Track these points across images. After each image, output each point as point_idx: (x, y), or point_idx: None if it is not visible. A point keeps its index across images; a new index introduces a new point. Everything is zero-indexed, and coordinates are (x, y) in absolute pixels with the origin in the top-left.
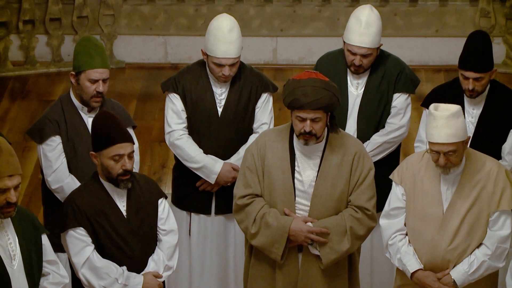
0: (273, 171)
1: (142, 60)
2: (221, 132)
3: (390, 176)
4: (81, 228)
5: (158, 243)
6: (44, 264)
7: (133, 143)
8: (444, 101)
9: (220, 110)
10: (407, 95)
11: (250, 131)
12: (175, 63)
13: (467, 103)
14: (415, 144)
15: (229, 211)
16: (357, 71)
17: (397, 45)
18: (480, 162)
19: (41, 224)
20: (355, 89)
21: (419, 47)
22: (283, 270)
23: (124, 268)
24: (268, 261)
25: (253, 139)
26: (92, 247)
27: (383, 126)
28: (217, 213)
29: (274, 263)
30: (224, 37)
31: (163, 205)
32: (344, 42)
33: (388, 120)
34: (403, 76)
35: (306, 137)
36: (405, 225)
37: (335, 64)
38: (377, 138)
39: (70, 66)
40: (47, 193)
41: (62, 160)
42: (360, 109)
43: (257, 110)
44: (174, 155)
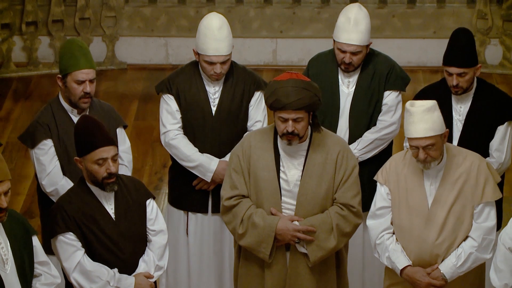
0: (259, 171)
1: (144, 61)
2: (215, 131)
3: (375, 177)
4: (70, 233)
5: (148, 244)
6: (35, 265)
7: (116, 146)
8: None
9: (214, 109)
10: (398, 92)
11: (245, 129)
12: (176, 64)
13: (455, 101)
14: (404, 144)
15: None
16: (347, 69)
17: (395, 46)
18: (461, 156)
19: (31, 226)
20: (346, 87)
21: (417, 48)
22: (272, 269)
23: (116, 270)
24: (256, 261)
25: None
26: (82, 251)
27: (375, 124)
28: (213, 211)
29: (262, 263)
30: (214, 35)
31: (151, 205)
32: (334, 40)
33: (379, 117)
34: (393, 74)
35: (289, 137)
36: (391, 224)
37: (326, 64)
38: (369, 135)
39: None
40: (43, 196)
41: (55, 163)
42: (352, 107)
43: (250, 108)
44: (170, 155)
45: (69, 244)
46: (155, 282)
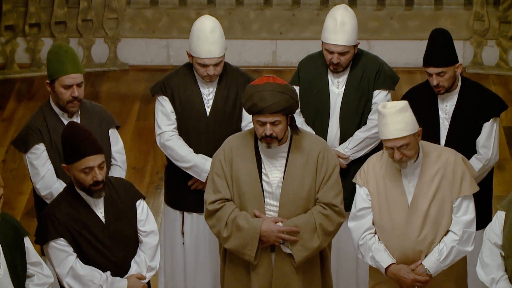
0: (241, 175)
1: (145, 62)
2: (210, 132)
3: (354, 179)
4: (62, 238)
5: (139, 245)
6: (28, 266)
7: (103, 154)
8: (420, 100)
9: (208, 110)
10: (387, 91)
11: (239, 130)
12: (177, 65)
13: (440, 100)
14: None
15: None
16: (336, 69)
17: (393, 48)
18: (437, 153)
19: (23, 227)
20: (336, 87)
21: (414, 49)
22: (258, 271)
23: (108, 273)
24: (242, 263)
25: None
26: (74, 256)
27: (365, 123)
28: None
29: (248, 264)
30: (206, 37)
31: (141, 206)
32: (322, 42)
33: (369, 116)
34: (382, 73)
35: (268, 140)
36: (373, 224)
37: (316, 65)
38: (359, 134)
39: None
40: (39, 200)
41: (49, 167)
42: (342, 107)
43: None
44: (166, 156)
45: (60, 250)
46: (148, 283)
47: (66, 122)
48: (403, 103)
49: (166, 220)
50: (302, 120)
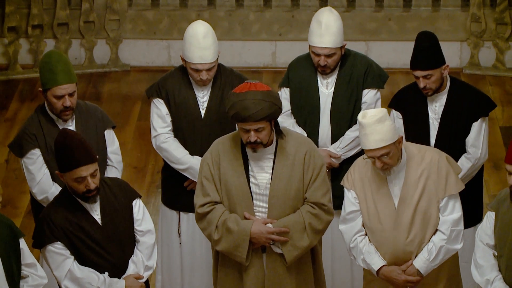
0: (229, 177)
1: (146, 63)
2: (205, 134)
3: (341, 182)
4: (58, 242)
5: (136, 244)
6: (22, 267)
7: (95, 162)
8: (409, 100)
9: (203, 112)
10: (376, 90)
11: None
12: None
13: (430, 101)
14: None
15: None
16: (324, 71)
17: (391, 49)
18: (420, 154)
19: (18, 229)
20: (326, 88)
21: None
22: (250, 272)
23: (106, 274)
24: (234, 265)
25: None
26: (71, 259)
27: (356, 122)
28: None
29: (240, 266)
30: (199, 43)
31: (137, 206)
32: (309, 45)
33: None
34: (371, 72)
35: (253, 146)
36: (363, 226)
37: (305, 67)
38: (350, 134)
39: (76, 69)
40: (36, 204)
41: (45, 171)
42: (332, 107)
43: None
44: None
45: (58, 253)
46: (147, 282)
47: (61, 127)
48: (382, 112)
49: (163, 220)
50: (293, 121)
